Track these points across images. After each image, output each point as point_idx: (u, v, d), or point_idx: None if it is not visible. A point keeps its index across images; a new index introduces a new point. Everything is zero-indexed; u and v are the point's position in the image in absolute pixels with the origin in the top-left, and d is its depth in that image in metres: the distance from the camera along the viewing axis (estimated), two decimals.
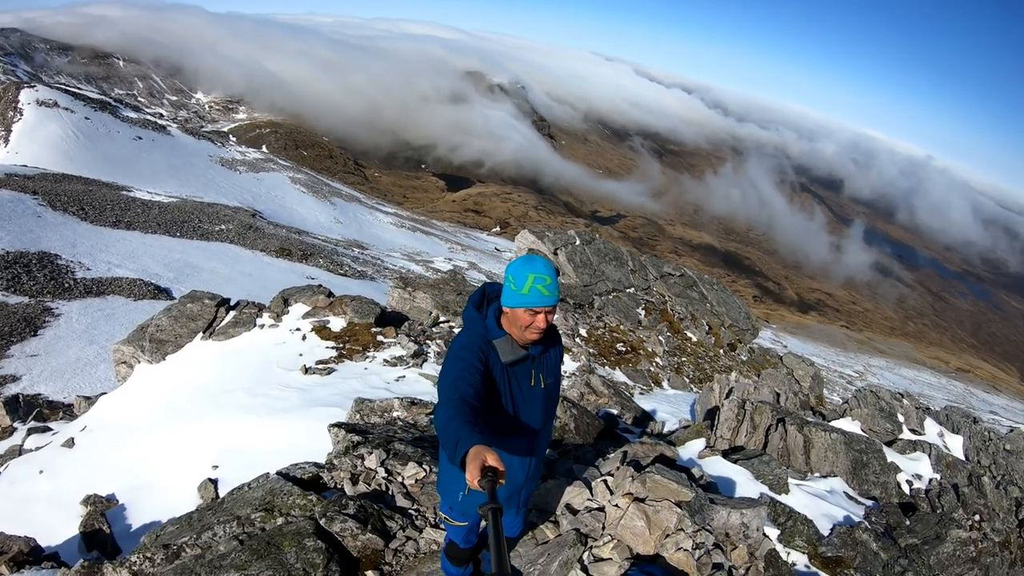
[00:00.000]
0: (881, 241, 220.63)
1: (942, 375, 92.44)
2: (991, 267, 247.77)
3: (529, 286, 2.84)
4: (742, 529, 4.60)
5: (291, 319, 12.36)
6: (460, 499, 3.23)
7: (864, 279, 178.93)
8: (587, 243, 22.14)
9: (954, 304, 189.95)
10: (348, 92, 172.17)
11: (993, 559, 7.45)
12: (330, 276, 27.12)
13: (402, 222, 61.63)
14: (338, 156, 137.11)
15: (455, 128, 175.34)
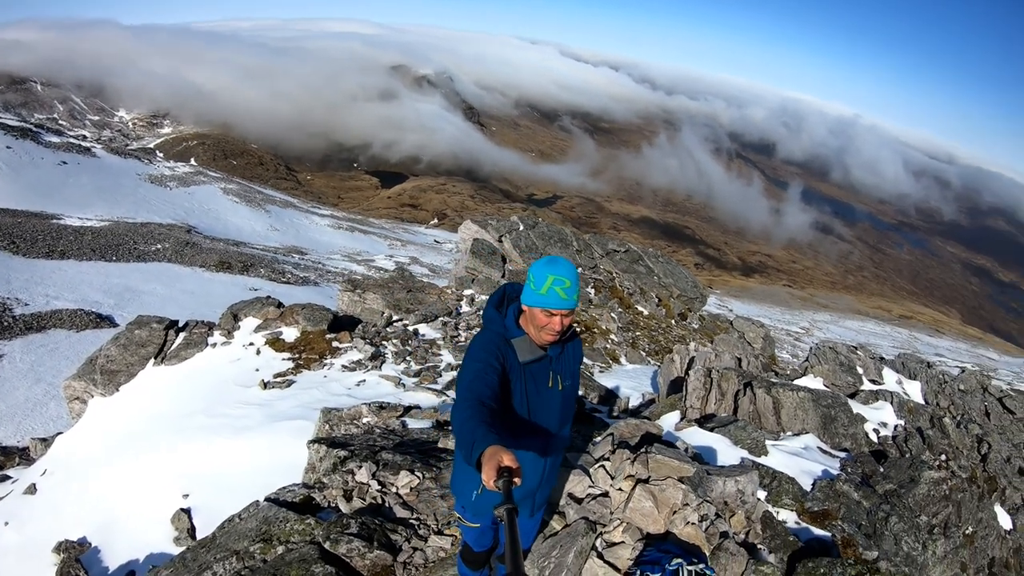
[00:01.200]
0: (818, 200, 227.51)
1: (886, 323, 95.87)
2: (925, 216, 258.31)
3: (548, 287, 2.79)
4: (739, 496, 4.65)
5: (243, 334, 12.01)
6: (474, 498, 3.17)
7: (805, 239, 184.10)
8: (531, 228, 22.11)
9: (891, 255, 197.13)
10: (276, 97, 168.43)
11: (963, 495, 7.71)
12: (273, 285, 26.57)
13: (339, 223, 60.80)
14: (269, 163, 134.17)
15: (387, 124, 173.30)
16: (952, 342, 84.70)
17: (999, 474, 9.73)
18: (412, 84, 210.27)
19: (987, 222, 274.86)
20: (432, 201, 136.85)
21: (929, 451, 9.24)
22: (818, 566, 4.37)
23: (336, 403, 9.48)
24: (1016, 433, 12.43)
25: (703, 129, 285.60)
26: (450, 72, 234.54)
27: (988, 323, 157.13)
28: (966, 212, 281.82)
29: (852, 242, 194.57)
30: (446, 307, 15.64)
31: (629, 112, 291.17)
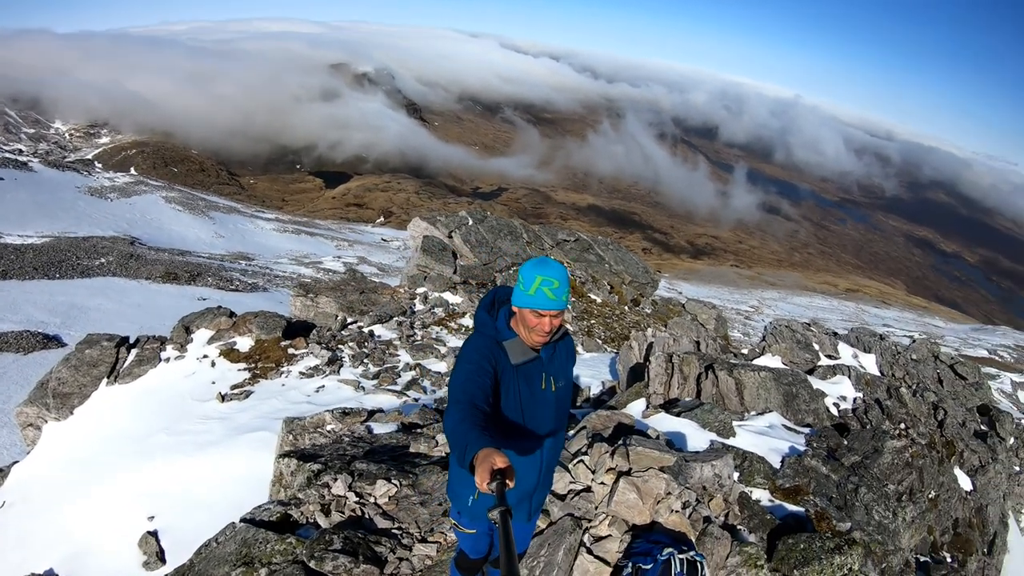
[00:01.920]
0: (763, 181, 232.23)
1: (833, 298, 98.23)
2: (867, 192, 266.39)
3: (536, 287, 2.78)
4: (716, 480, 4.69)
5: (196, 347, 11.67)
6: (470, 503, 3.12)
7: (752, 220, 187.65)
8: (479, 221, 22.05)
9: (835, 230, 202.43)
10: (217, 102, 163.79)
11: (924, 461, 7.93)
12: (222, 294, 25.99)
13: (285, 227, 59.71)
14: (210, 168, 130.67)
15: (331, 125, 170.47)
16: (899, 312, 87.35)
17: (956, 438, 10.03)
18: (353, 82, 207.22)
19: (928, 195, 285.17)
20: (377, 200, 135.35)
21: (889, 421, 9.49)
22: (797, 542, 4.44)
23: (297, 411, 9.29)
24: (969, 397, 12.85)
25: (646, 115, 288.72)
26: (391, 69, 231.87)
27: (933, 292, 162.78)
28: (907, 186, 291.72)
29: (797, 220, 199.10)
30: (400, 306, 15.51)
31: (572, 102, 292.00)
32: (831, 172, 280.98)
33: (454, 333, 14.63)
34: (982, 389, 13.83)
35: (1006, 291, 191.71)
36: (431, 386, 11.66)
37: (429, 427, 7.16)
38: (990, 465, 9.75)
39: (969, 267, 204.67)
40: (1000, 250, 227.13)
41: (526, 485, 3.12)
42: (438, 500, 4.64)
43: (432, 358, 12.97)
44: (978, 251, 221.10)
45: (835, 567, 4.22)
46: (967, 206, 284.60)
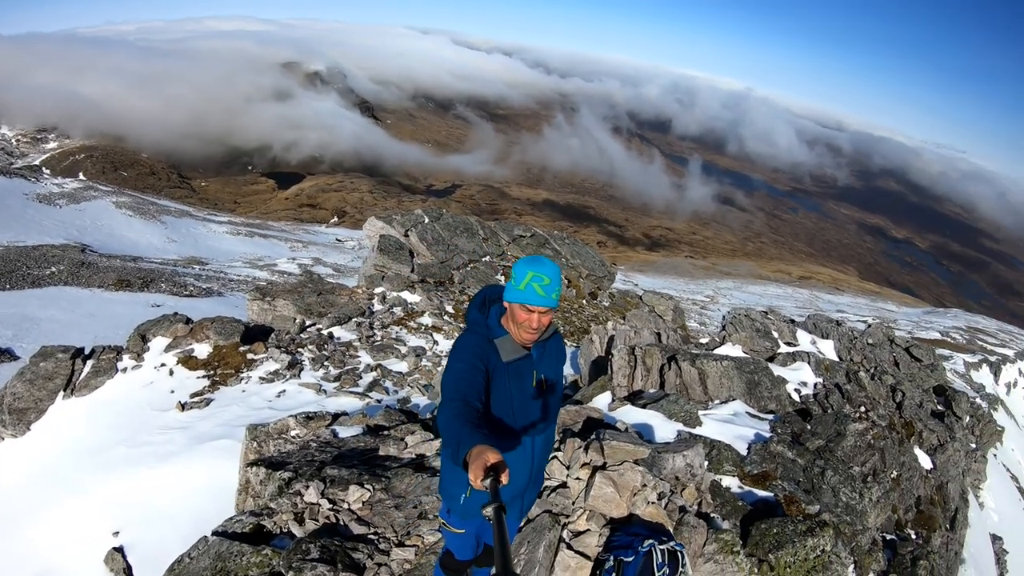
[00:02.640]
0: (716, 173, 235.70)
1: (787, 285, 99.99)
2: (819, 182, 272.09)
3: (526, 283, 2.78)
4: (688, 470, 4.74)
5: (153, 355, 11.38)
6: (462, 501, 3.10)
7: (707, 211, 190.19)
8: (435, 219, 21.95)
9: (788, 219, 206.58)
10: (169, 104, 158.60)
11: (885, 442, 8.12)
12: (176, 300, 25.37)
13: (238, 229, 58.52)
14: (160, 172, 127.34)
15: (285, 125, 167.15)
16: (852, 298, 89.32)
17: (915, 419, 10.27)
18: (305, 82, 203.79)
19: (878, 183, 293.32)
20: (331, 200, 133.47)
21: (849, 404, 9.69)
22: (770, 526, 4.53)
23: (259, 417, 9.14)
24: (925, 379, 13.21)
25: (600, 109, 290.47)
26: (343, 67, 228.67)
27: (885, 278, 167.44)
28: (858, 175, 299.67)
29: (751, 211, 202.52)
30: (358, 307, 15.38)
31: (525, 97, 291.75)
32: (783, 163, 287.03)
33: (414, 332, 14.57)
34: (937, 370, 14.22)
35: (956, 275, 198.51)
36: (393, 387, 11.59)
37: (396, 428, 7.08)
38: (948, 444, 10.02)
39: (920, 252, 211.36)
40: (950, 235, 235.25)
41: (518, 483, 3.12)
42: (412, 503, 4.58)
43: (393, 358, 12.90)
44: (928, 237, 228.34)
45: (808, 549, 4.32)
46: (917, 193, 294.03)
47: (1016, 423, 25.46)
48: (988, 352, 34.82)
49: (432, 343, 14.22)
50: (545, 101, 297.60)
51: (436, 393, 11.23)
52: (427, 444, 5.89)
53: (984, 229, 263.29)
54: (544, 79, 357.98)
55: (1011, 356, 34.47)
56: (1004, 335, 49.57)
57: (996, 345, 39.93)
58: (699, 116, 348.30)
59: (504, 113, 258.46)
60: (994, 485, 14.72)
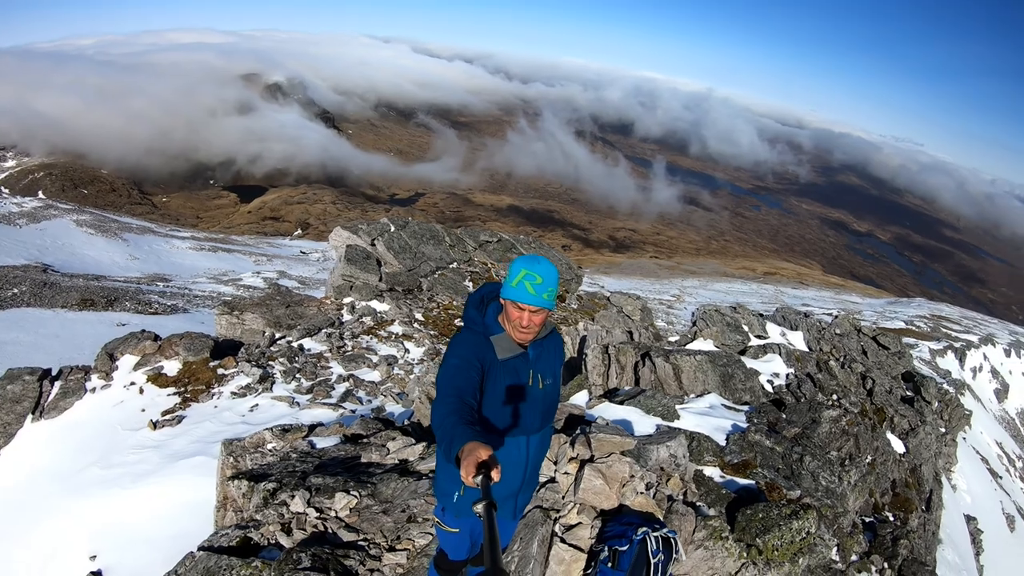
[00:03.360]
0: (680, 174, 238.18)
1: (752, 282, 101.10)
2: (782, 180, 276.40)
3: (518, 280, 2.79)
4: (672, 460, 4.79)
5: (122, 374, 11.15)
6: (456, 499, 3.09)
7: (672, 212, 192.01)
8: (401, 228, 21.87)
9: (751, 217, 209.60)
10: (131, 119, 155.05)
11: (859, 428, 8.26)
12: (142, 318, 24.90)
13: (201, 244, 57.58)
14: (121, 188, 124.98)
15: (250, 138, 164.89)
16: (817, 292, 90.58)
17: (885, 405, 10.46)
18: (267, 94, 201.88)
19: (839, 178, 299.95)
20: (294, 212, 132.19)
21: (821, 393, 9.84)
22: (756, 512, 4.62)
23: (232, 432, 9.03)
24: (893, 366, 13.47)
25: (563, 114, 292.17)
26: (303, 78, 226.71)
27: (848, 270, 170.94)
28: (819, 171, 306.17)
29: (715, 210, 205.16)
30: (328, 318, 15.28)
31: (488, 104, 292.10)
32: (746, 162, 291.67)
33: (384, 341, 14.51)
34: (904, 358, 14.50)
35: (918, 265, 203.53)
36: (366, 396, 11.53)
37: (375, 436, 7.02)
38: (920, 428, 10.21)
39: (882, 244, 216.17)
40: (911, 227, 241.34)
41: (512, 483, 3.11)
42: (400, 508, 4.54)
43: (364, 368, 12.84)
44: (890, 229, 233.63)
45: (794, 532, 4.41)
46: (878, 187, 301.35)
47: (983, 406, 26.06)
48: (952, 339, 35.63)
49: (403, 351, 14.17)
50: (508, 107, 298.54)
51: (410, 401, 11.18)
52: (409, 449, 5.85)
53: (944, 219, 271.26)
54: (506, 85, 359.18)
55: (975, 342, 35.31)
56: (967, 322, 50.70)
57: (960, 332, 40.85)
58: (661, 118, 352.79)
59: (467, 120, 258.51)
60: (965, 468, 15.04)
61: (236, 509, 5.76)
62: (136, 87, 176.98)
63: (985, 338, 37.81)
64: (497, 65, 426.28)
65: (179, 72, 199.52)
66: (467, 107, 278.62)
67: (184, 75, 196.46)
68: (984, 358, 33.44)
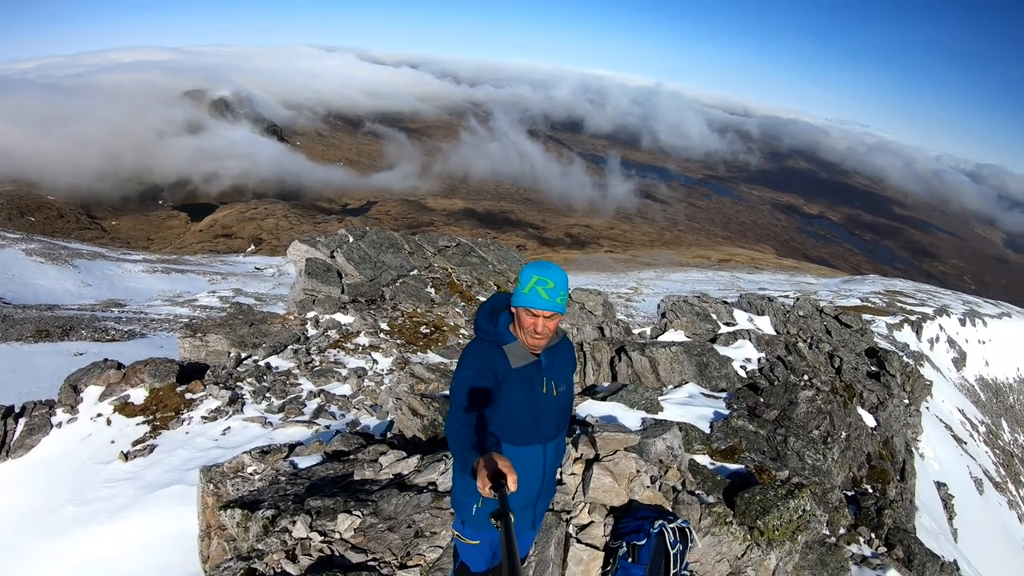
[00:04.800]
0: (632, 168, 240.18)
1: (707, 269, 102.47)
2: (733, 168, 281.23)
3: (531, 287, 2.78)
4: (669, 452, 4.86)
5: (88, 406, 10.82)
6: (474, 512, 3.05)
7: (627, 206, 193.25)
8: (360, 238, 21.68)
9: (702, 206, 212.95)
10: (80, 144, 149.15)
11: (832, 405, 8.42)
12: (100, 346, 24.21)
13: (154, 267, 56.35)
14: (69, 214, 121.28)
15: (203, 156, 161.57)
16: (772, 275, 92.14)
17: (854, 381, 10.70)
18: (212, 110, 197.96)
19: (789, 164, 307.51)
20: (246, 228, 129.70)
21: (793, 375, 10.04)
22: (753, 495, 4.74)
23: (207, 458, 8.84)
24: (856, 343, 13.78)
25: (513, 115, 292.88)
26: (250, 92, 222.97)
27: (801, 252, 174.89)
28: (769, 158, 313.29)
29: (668, 202, 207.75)
30: (293, 334, 15.06)
31: (438, 109, 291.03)
32: (697, 153, 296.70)
33: (352, 354, 14.35)
34: (867, 334, 14.84)
35: (870, 243, 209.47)
36: (339, 411, 11.39)
37: (361, 451, 6.93)
38: (888, 401, 10.46)
39: (833, 225, 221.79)
40: (861, 206, 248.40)
41: (530, 491, 3.10)
42: (406, 523, 4.48)
43: (335, 382, 12.67)
44: (840, 210, 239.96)
45: (791, 511, 4.55)
46: (827, 170, 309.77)
47: (942, 375, 26.81)
48: (908, 312, 36.57)
49: (372, 363, 14.04)
50: (458, 111, 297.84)
51: (384, 413, 11.09)
52: (403, 463, 5.77)
53: (893, 198, 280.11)
54: (454, 89, 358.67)
55: (930, 314, 36.34)
56: (922, 295, 52.03)
57: (915, 305, 41.95)
58: (611, 114, 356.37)
59: (418, 127, 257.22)
60: (931, 436, 15.44)
61: (227, 538, 5.64)
62: (82, 111, 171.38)
63: (940, 309, 38.93)
64: (444, 69, 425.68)
65: (124, 93, 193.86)
66: (418, 114, 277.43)
67: (130, 96, 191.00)
68: (940, 329, 34.45)
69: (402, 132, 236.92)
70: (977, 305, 48.71)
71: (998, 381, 35.98)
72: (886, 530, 6.63)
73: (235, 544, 5.43)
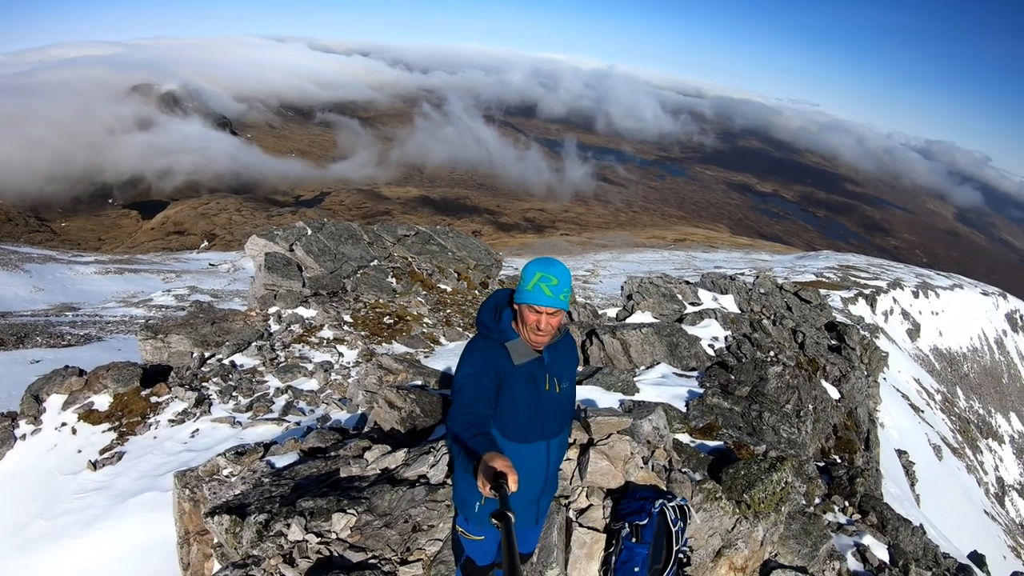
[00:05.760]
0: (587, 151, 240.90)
1: (663, 249, 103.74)
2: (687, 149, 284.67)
3: (534, 283, 2.77)
4: (656, 432, 4.96)
5: (51, 416, 10.53)
6: (477, 509, 3.06)
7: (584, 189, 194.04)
8: (318, 230, 21.43)
9: (656, 187, 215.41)
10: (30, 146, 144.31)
11: (798, 379, 8.61)
12: (56, 352, 23.54)
13: (106, 268, 54.86)
14: (17, 217, 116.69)
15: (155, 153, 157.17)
16: (727, 253, 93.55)
17: (817, 355, 10.97)
18: (160, 104, 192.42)
19: (741, 144, 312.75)
20: (198, 224, 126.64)
21: (759, 351, 10.24)
22: (737, 470, 4.88)
23: (178, 462, 8.69)
24: (816, 318, 14.11)
25: (467, 100, 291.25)
26: (199, 84, 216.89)
27: (755, 230, 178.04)
28: (722, 138, 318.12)
29: (622, 183, 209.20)
30: (256, 330, 14.84)
31: (391, 97, 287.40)
32: (651, 135, 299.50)
33: (317, 348, 14.21)
34: (826, 309, 15.17)
35: (823, 219, 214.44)
36: (308, 406, 11.28)
37: (342, 447, 6.86)
38: (850, 373, 10.74)
39: (787, 203, 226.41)
40: (813, 184, 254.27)
41: (533, 488, 3.12)
42: (403, 519, 4.47)
43: (301, 377, 12.53)
44: (793, 188, 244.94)
45: (775, 483, 4.70)
46: (780, 149, 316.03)
47: (898, 347, 27.58)
48: (862, 286, 37.53)
49: (337, 355, 13.93)
50: (411, 99, 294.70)
51: (355, 406, 11.03)
52: (390, 457, 5.74)
53: (845, 174, 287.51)
54: (407, 76, 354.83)
55: (884, 287, 37.37)
56: (875, 269, 53.37)
57: (868, 279, 43.05)
58: (564, 97, 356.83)
59: (371, 116, 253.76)
60: (890, 406, 15.92)
61: (209, 544, 5.56)
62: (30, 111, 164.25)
63: (893, 283, 40.06)
64: (396, 57, 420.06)
65: (73, 91, 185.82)
66: (371, 102, 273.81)
67: (78, 94, 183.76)
68: (894, 301, 35.46)
69: (356, 121, 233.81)
70: (929, 278, 50.27)
71: (952, 351, 37.24)
72: (859, 498, 6.86)
73: (222, 551, 5.36)
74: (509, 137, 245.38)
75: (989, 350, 41.78)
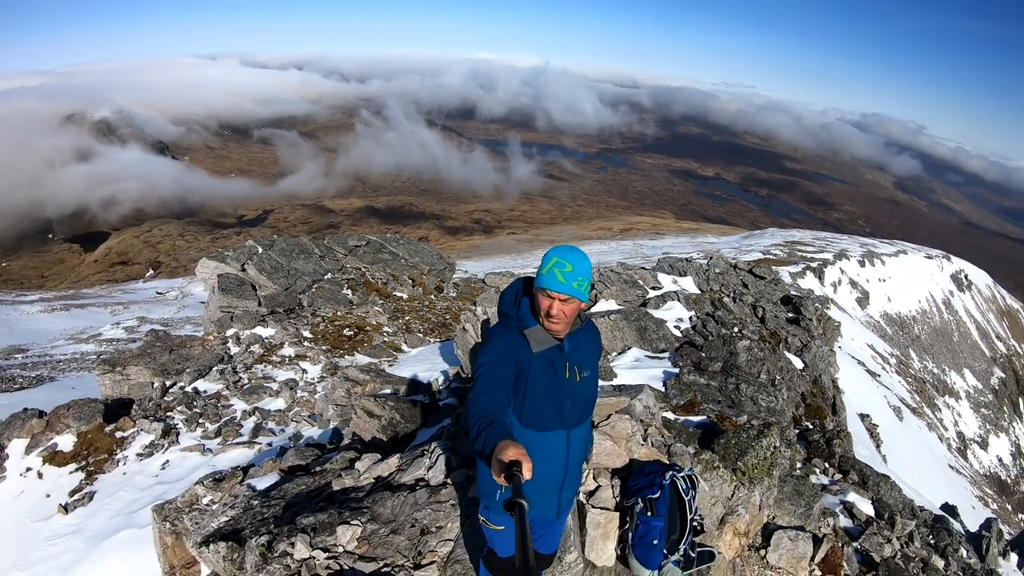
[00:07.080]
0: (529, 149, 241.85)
1: (610, 240, 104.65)
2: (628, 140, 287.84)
3: (548, 268, 2.77)
4: (647, 411, 5.08)
5: (15, 462, 10.17)
6: (498, 497, 3.05)
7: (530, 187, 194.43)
8: (269, 247, 21.17)
9: (599, 179, 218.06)
10: None
11: (764, 352, 8.82)
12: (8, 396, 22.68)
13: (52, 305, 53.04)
14: None
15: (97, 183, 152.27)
16: (674, 239, 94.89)
17: (778, 328, 11.25)
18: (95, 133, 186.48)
19: (681, 130, 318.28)
20: (142, 252, 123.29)
21: (724, 328, 10.44)
22: (729, 440, 5.08)
23: (151, 496, 8.54)
24: (772, 293, 14.46)
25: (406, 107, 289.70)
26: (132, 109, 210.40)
27: (700, 214, 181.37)
28: (662, 126, 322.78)
29: (565, 179, 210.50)
30: (216, 355, 14.60)
31: (330, 109, 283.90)
32: (592, 128, 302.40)
33: (279, 367, 14.06)
34: (780, 284, 15.54)
35: (766, 198, 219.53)
36: (277, 426, 11.16)
37: (328, 461, 6.79)
38: (811, 343, 11.04)
39: (729, 185, 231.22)
40: (754, 165, 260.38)
41: (553, 478, 3.11)
42: (409, 523, 4.44)
43: (267, 397, 12.38)
44: (735, 170, 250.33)
45: (765, 448, 4.91)
46: (719, 132, 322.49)
47: (849, 315, 28.36)
48: (809, 260, 38.46)
49: (301, 372, 13.80)
50: (350, 109, 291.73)
51: (326, 422, 10.96)
52: (382, 465, 5.70)
53: (785, 153, 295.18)
54: (344, 87, 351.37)
55: (830, 259, 38.35)
56: (820, 242, 54.68)
57: (815, 252, 44.14)
58: (502, 97, 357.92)
59: (311, 129, 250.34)
60: (847, 373, 16.38)
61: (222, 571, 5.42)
62: None
63: (839, 254, 41.16)
64: (331, 67, 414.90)
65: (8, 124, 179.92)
66: (311, 116, 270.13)
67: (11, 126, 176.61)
68: (841, 272, 36.46)
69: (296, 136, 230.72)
70: (874, 246, 51.77)
71: (902, 315, 38.48)
72: (837, 459, 7.10)
73: None
74: (451, 140, 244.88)
75: (938, 311, 43.28)
